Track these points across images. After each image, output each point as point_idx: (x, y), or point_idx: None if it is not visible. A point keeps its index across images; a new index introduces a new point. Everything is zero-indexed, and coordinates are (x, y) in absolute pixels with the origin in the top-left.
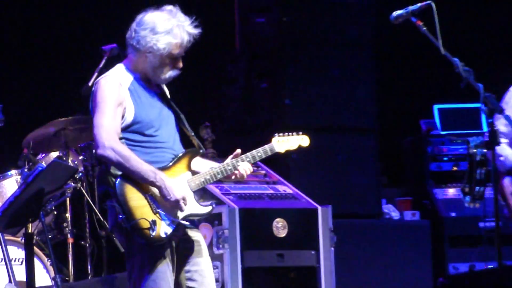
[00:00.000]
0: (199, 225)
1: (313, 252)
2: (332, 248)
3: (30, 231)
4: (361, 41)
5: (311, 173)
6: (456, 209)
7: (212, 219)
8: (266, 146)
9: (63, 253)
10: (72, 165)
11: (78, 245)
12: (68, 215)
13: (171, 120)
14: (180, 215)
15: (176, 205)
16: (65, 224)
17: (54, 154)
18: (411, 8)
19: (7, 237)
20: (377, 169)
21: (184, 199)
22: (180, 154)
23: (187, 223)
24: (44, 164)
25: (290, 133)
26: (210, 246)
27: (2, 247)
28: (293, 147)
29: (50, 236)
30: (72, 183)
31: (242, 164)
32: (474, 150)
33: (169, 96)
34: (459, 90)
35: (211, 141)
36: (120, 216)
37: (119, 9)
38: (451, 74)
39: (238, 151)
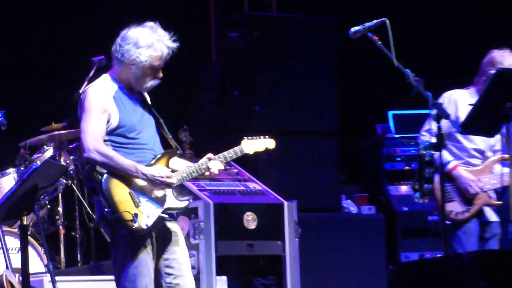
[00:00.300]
0: (177, 218)
1: (279, 242)
2: (297, 239)
3: (25, 223)
4: (323, 54)
5: (278, 171)
6: (408, 204)
7: (189, 212)
8: (237, 148)
9: (55, 242)
10: (63, 164)
11: (69, 235)
12: (60, 208)
13: (151, 124)
14: (160, 209)
15: (164, 185)
16: (57, 217)
17: (48, 154)
18: (367, 24)
19: (5, 228)
20: (338, 168)
21: (168, 178)
22: (160, 155)
23: (166, 216)
24: (38, 163)
25: (258, 137)
26: (187, 237)
27: (0, 237)
28: (261, 149)
29: (43, 228)
30: (63, 180)
31: (214, 164)
32: (423, 152)
33: (150, 103)
34: (410, 97)
35: (189, 143)
36: (106, 210)
37: (107, 24)
38: (404, 84)
39: (210, 155)
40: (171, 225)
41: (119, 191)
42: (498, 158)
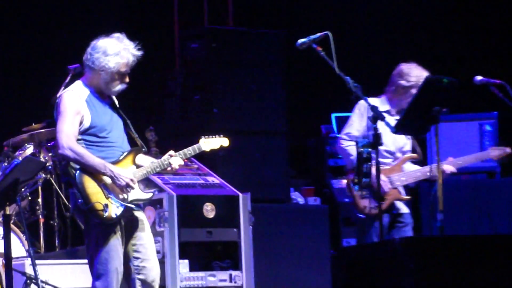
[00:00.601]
0: (144, 208)
1: (235, 229)
2: (250, 227)
3: (8, 212)
4: (273, 63)
5: (234, 167)
6: (349, 196)
7: (155, 203)
8: (195, 146)
9: (35, 230)
10: (42, 160)
11: (47, 224)
12: (39, 199)
13: (120, 125)
14: (128, 199)
15: (125, 186)
16: (37, 207)
17: (28, 152)
18: (312, 36)
19: None
20: (286, 163)
21: (131, 181)
22: (127, 152)
23: (133, 206)
24: (20, 159)
25: (214, 136)
26: (153, 225)
27: None
28: (216, 146)
29: (25, 217)
30: (43, 174)
31: (175, 159)
32: (362, 149)
33: (118, 105)
34: (350, 101)
35: (154, 142)
36: (79, 201)
37: (81, 34)
38: (345, 89)
39: (172, 152)
40: (138, 214)
41: (91, 185)
42: (407, 157)
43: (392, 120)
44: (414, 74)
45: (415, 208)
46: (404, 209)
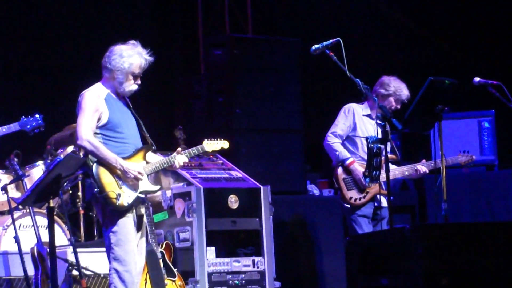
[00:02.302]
0: (174, 200)
1: (257, 219)
2: (271, 216)
3: (52, 205)
4: (289, 67)
5: (255, 162)
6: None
7: (184, 195)
8: (199, 146)
9: (76, 221)
10: (82, 157)
11: (87, 215)
12: (80, 193)
13: (133, 124)
14: (137, 190)
15: (133, 178)
16: (77, 200)
17: (69, 149)
18: (325, 43)
19: (35, 209)
20: (303, 159)
21: (139, 173)
22: (138, 148)
23: (143, 196)
24: (62, 156)
25: (216, 138)
26: (182, 215)
27: (31, 217)
28: (217, 148)
29: (67, 209)
30: (83, 169)
31: (180, 157)
32: (372, 145)
33: (131, 107)
34: (362, 101)
35: (183, 140)
36: (95, 189)
37: (114, 43)
38: (355, 90)
39: (179, 149)
40: (142, 209)
41: (106, 175)
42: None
43: (373, 123)
44: (393, 84)
45: (421, 198)
46: (384, 202)
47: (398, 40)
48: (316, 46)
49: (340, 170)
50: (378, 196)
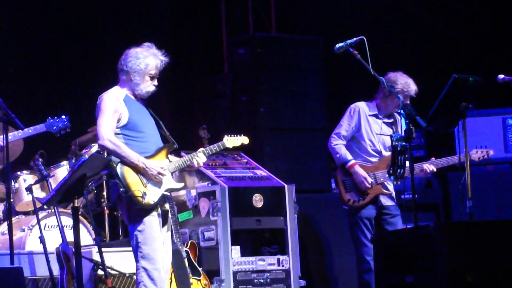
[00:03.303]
0: (199, 200)
1: (282, 218)
2: (295, 215)
3: (76, 205)
4: (313, 66)
5: (280, 161)
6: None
7: (209, 194)
8: (219, 143)
9: (101, 220)
10: (107, 157)
11: (112, 215)
12: (104, 193)
13: (152, 124)
14: (162, 188)
15: (156, 175)
16: (102, 200)
17: (94, 149)
18: (349, 41)
19: (60, 209)
20: (327, 157)
21: (161, 173)
22: (161, 147)
23: (168, 194)
24: (86, 156)
25: (236, 135)
26: (207, 215)
27: (56, 217)
28: (238, 144)
29: (91, 208)
30: (107, 170)
31: (201, 156)
32: (396, 143)
33: (149, 108)
34: (371, 99)
35: (207, 139)
36: (121, 189)
37: (138, 44)
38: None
39: (202, 148)
40: (166, 205)
41: (131, 175)
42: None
43: (380, 122)
44: (400, 81)
45: (446, 196)
46: (388, 202)
47: (422, 38)
48: (340, 44)
49: (339, 172)
50: (380, 196)
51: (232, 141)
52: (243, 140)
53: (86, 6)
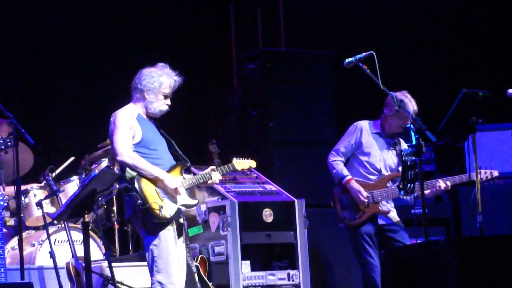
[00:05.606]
0: (209, 215)
1: (292, 232)
2: (305, 229)
3: (86, 220)
4: (322, 80)
5: (290, 175)
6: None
7: (219, 209)
8: (230, 164)
9: (111, 235)
10: (117, 172)
11: (122, 229)
12: (114, 208)
13: (164, 143)
14: (178, 203)
15: (174, 190)
16: (112, 215)
17: (103, 165)
18: (358, 56)
19: (70, 224)
20: None
21: (178, 188)
22: (174, 164)
23: (184, 208)
24: (96, 171)
25: (244, 158)
26: (217, 229)
27: (66, 231)
28: (246, 167)
29: (101, 223)
30: (117, 185)
31: (215, 175)
32: (406, 158)
33: (160, 128)
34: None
35: (217, 154)
36: (139, 201)
37: (149, 61)
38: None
39: (213, 166)
40: (181, 220)
41: (148, 188)
42: (391, 175)
43: (382, 141)
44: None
45: (456, 211)
46: (386, 221)
47: (432, 53)
48: (349, 59)
49: (337, 189)
50: (378, 216)
51: (241, 164)
52: (251, 164)
53: (99, 26)
